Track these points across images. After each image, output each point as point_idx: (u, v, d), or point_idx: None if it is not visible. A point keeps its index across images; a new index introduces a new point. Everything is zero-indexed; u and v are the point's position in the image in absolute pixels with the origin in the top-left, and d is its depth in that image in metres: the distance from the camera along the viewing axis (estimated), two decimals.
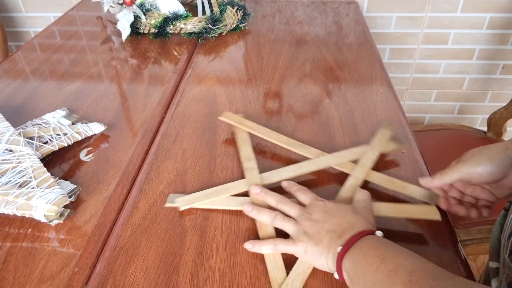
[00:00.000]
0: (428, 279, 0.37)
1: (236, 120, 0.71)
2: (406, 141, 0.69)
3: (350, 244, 0.45)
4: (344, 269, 0.44)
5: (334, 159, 0.63)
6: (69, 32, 1.12)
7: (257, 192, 0.56)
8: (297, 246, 0.49)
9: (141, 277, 0.49)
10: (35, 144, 0.64)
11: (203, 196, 0.58)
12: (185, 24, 1.05)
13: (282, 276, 0.48)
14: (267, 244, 0.50)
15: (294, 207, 0.53)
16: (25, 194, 0.55)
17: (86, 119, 0.75)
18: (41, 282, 0.48)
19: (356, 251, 0.44)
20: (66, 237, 0.54)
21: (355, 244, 0.45)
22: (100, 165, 0.65)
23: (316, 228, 0.49)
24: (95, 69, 0.93)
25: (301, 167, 0.62)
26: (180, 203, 0.57)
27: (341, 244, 0.45)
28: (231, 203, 0.57)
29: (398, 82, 1.53)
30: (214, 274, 0.49)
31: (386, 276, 0.39)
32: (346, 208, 0.51)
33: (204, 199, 0.57)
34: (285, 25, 1.14)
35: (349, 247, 0.45)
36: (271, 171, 0.61)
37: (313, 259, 0.48)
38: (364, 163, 0.62)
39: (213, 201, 0.57)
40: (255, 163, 0.62)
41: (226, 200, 0.57)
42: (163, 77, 0.89)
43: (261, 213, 0.54)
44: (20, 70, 0.93)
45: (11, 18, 1.52)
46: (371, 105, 0.79)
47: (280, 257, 0.50)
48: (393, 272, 0.39)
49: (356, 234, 0.46)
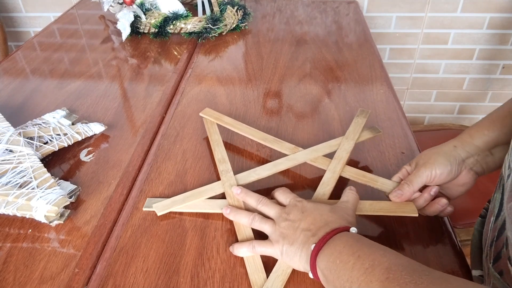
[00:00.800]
0: (405, 275, 0.36)
1: (215, 117, 0.70)
2: (406, 141, 0.69)
3: (324, 242, 0.44)
4: (318, 268, 0.44)
5: (310, 154, 0.62)
6: (69, 31, 1.12)
7: (238, 193, 0.56)
8: (274, 247, 0.48)
9: (141, 278, 0.49)
10: (35, 144, 0.64)
11: (180, 200, 0.57)
12: (185, 23, 1.05)
13: (262, 278, 0.47)
14: (244, 246, 0.50)
15: (273, 208, 0.52)
16: (25, 194, 0.55)
17: (86, 119, 0.75)
18: (41, 283, 0.48)
19: (330, 249, 0.43)
20: (67, 237, 0.54)
21: (328, 241, 0.44)
22: (100, 166, 0.65)
23: (292, 228, 0.48)
24: (95, 68, 0.93)
25: (277, 164, 0.61)
26: (157, 208, 0.56)
27: (314, 242, 0.45)
28: (208, 206, 0.56)
29: (398, 82, 1.53)
30: (215, 275, 0.49)
31: (363, 274, 0.38)
32: (323, 208, 0.50)
33: (181, 203, 0.56)
34: (285, 25, 1.14)
35: (322, 245, 0.44)
36: (247, 171, 0.60)
37: (289, 259, 0.47)
38: (340, 155, 0.62)
39: (191, 205, 0.57)
40: (229, 165, 0.62)
41: (204, 203, 0.57)
42: (163, 77, 0.89)
43: (239, 215, 0.53)
44: (20, 70, 0.93)
45: (11, 18, 1.52)
46: (371, 105, 0.78)
47: (259, 259, 0.50)
48: (369, 269, 0.38)
49: (329, 232, 0.45)
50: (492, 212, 0.48)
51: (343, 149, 0.62)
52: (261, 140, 0.66)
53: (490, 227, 0.48)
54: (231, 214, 0.54)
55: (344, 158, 0.61)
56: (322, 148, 0.63)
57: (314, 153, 0.63)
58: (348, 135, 0.65)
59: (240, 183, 0.59)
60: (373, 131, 0.66)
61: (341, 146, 0.63)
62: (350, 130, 0.66)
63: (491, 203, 0.50)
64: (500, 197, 0.46)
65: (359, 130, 0.65)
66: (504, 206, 0.44)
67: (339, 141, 0.64)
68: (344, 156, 0.62)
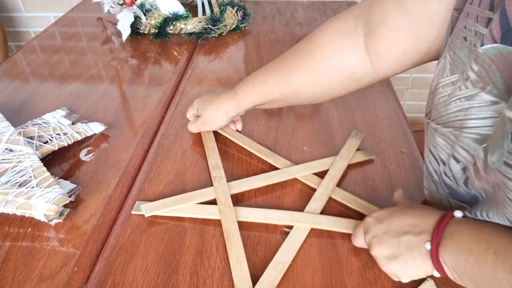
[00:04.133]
0: None
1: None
2: (406, 140, 0.69)
3: (440, 236, 0.41)
4: (445, 265, 0.40)
5: (303, 170, 0.63)
6: (69, 33, 1.12)
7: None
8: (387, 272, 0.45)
9: (140, 276, 0.49)
10: (35, 143, 0.64)
11: (170, 202, 0.57)
12: (185, 24, 1.05)
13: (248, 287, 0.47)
14: None
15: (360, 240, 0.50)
16: (25, 193, 0.55)
17: (86, 119, 0.75)
18: (41, 281, 0.48)
19: (454, 245, 0.40)
20: (66, 236, 0.54)
21: (445, 235, 0.41)
22: (100, 165, 0.65)
23: (381, 243, 0.45)
24: (95, 69, 0.93)
25: (270, 176, 0.62)
26: (145, 210, 0.56)
27: (426, 240, 0.41)
28: (198, 211, 0.56)
29: (398, 82, 1.53)
30: (214, 273, 0.49)
31: (509, 274, 0.35)
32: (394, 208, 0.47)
33: (171, 206, 0.56)
34: (285, 26, 1.14)
35: (439, 240, 0.40)
36: (240, 180, 0.61)
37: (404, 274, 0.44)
38: (333, 173, 0.61)
39: (180, 209, 0.56)
40: (222, 172, 0.62)
41: (194, 208, 0.56)
42: (163, 77, 0.90)
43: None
44: (20, 71, 0.93)
45: (11, 18, 1.52)
46: (371, 105, 0.79)
47: (246, 268, 0.49)
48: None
49: (438, 223, 0.41)
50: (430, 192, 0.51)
51: (337, 167, 0.63)
52: (257, 152, 0.67)
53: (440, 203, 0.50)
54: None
55: (337, 176, 0.61)
56: (316, 165, 0.63)
57: (307, 169, 0.63)
58: (342, 154, 0.65)
59: (232, 191, 0.59)
60: (367, 154, 0.66)
61: (334, 164, 0.63)
62: (344, 150, 0.66)
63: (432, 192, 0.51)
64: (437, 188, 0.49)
65: (352, 151, 0.66)
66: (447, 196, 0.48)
67: (332, 160, 0.64)
68: (337, 174, 0.61)
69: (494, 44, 0.36)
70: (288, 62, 0.60)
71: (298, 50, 0.59)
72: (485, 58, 0.38)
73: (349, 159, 0.64)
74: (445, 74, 0.44)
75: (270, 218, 0.55)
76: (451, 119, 0.43)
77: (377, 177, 0.62)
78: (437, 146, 0.46)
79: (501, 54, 0.36)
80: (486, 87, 0.38)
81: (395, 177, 0.62)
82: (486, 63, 0.38)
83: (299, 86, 0.59)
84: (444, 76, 0.44)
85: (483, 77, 0.38)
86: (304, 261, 0.50)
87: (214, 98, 0.67)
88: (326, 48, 0.56)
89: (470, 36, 0.40)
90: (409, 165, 0.64)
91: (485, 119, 0.39)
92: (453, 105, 0.42)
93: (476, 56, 0.38)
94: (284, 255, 0.50)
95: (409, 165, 0.64)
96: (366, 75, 0.55)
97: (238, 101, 0.64)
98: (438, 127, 0.45)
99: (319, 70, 0.57)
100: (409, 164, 0.64)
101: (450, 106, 0.43)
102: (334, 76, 0.56)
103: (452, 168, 0.44)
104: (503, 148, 0.35)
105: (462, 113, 0.41)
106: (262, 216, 0.55)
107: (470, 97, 0.40)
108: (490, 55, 0.37)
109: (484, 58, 0.38)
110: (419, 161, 0.65)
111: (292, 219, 0.55)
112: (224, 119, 0.67)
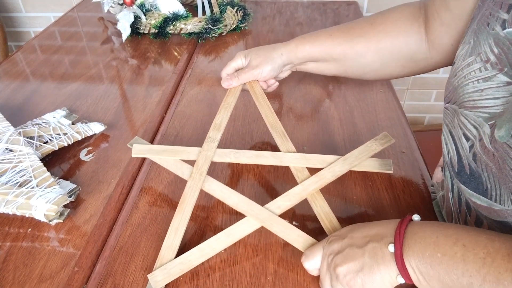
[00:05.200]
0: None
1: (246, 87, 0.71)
2: (406, 140, 0.69)
3: (402, 236, 0.40)
4: (410, 267, 0.39)
5: (297, 160, 0.57)
6: (69, 32, 1.12)
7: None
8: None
9: (140, 276, 0.49)
10: (35, 143, 0.64)
11: (156, 150, 0.59)
12: (185, 24, 1.05)
13: (170, 257, 0.48)
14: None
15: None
16: (25, 193, 0.55)
17: (86, 119, 0.75)
18: (41, 281, 0.48)
19: (418, 243, 0.39)
20: (66, 236, 0.54)
21: (407, 236, 0.40)
22: (100, 165, 0.65)
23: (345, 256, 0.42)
24: (95, 69, 0.93)
25: (259, 156, 0.58)
26: (134, 149, 0.59)
27: (389, 242, 0.40)
28: (175, 167, 0.57)
29: (398, 82, 1.53)
30: (214, 273, 0.49)
31: (483, 266, 0.34)
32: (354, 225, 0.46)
33: (156, 154, 0.58)
34: (285, 26, 1.14)
35: (402, 240, 0.39)
36: (229, 149, 0.58)
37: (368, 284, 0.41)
38: (324, 175, 0.55)
39: (162, 160, 0.58)
40: (220, 135, 0.59)
41: (172, 163, 0.57)
42: (163, 77, 0.90)
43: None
44: (20, 71, 0.93)
45: (11, 18, 1.52)
46: (371, 105, 0.79)
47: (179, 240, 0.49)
48: (488, 259, 0.34)
49: (399, 225, 0.41)
50: (448, 189, 0.51)
51: (331, 170, 0.55)
52: (269, 126, 0.62)
53: (451, 202, 0.50)
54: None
55: (327, 180, 0.54)
56: (313, 160, 0.57)
57: (303, 161, 0.57)
58: (348, 157, 0.57)
59: (215, 158, 0.58)
60: (383, 166, 0.58)
61: (331, 166, 0.56)
62: (354, 152, 0.58)
63: (445, 180, 0.52)
64: (449, 174, 0.50)
65: (365, 157, 0.57)
66: (454, 180, 0.48)
67: (334, 159, 0.57)
68: (328, 178, 0.55)
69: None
70: (357, 26, 0.63)
71: (369, 19, 0.63)
72: (505, 41, 0.40)
73: (354, 165, 0.57)
74: (466, 58, 0.46)
75: (227, 200, 0.53)
76: (466, 99, 0.44)
77: (377, 177, 0.62)
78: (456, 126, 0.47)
79: None
80: (504, 68, 0.40)
81: (395, 177, 0.62)
82: (506, 46, 0.40)
83: (362, 50, 0.61)
84: (465, 60, 0.46)
85: (502, 59, 0.40)
86: None
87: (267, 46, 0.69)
88: (396, 24, 0.60)
89: (492, 22, 0.43)
90: (409, 165, 0.64)
91: (497, 99, 0.41)
92: (470, 86, 0.44)
93: (498, 40, 0.41)
94: (217, 242, 0.48)
95: (409, 165, 0.64)
96: (424, 59, 0.60)
97: (296, 47, 0.65)
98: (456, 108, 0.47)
99: (385, 42, 0.61)
100: (409, 164, 0.64)
101: (468, 87, 0.44)
102: (397, 52, 0.61)
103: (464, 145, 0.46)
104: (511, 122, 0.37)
105: (477, 94, 0.43)
106: (221, 195, 0.53)
107: (488, 78, 0.42)
108: (510, 38, 0.39)
109: (504, 41, 0.40)
110: (419, 161, 0.65)
111: (247, 209, 0.51)
112: (279, 60, 0.67)
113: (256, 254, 0.51)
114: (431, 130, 1.27)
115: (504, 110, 0.39)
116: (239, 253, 0.51)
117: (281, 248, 0.52)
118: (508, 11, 0.41)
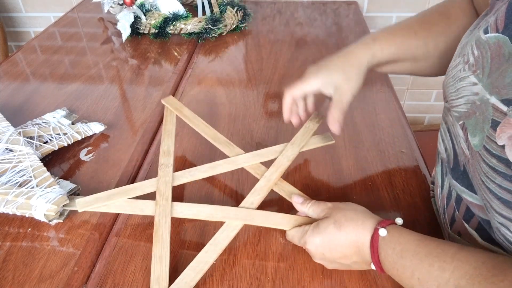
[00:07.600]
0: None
1: (175, 107, 0.66)
2: (406, 140, 0.69)
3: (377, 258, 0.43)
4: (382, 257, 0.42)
5: (251, 158, 0.59)
6: (69, 33, 1.12)
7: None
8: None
9: (140, 276, 0.49)
10: (35, 143, 0.64)
11: (104, 197, 0.54)
12: (185, 24, 1.05)
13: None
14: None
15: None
16: (25, 193, 0.55)
17: (86, 119, 0.75)
18: (41, 281, 0.48)
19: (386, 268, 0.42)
20: (66, 236, 0.54)
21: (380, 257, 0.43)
22: (100, 165, 0.65)
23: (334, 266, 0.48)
24: (95, 69, 0.93)
25: (215, 166, 0.58)
26: (78, 203, 0.54)
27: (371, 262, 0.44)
28: (128, 207, 0.53)
29: (398, 82, 1.53)
30: (214, 273, 0.49)
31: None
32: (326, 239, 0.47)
33: (105, 201, 0.54)
34: (285, 26, 1.14)
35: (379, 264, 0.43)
36: (184, 170, 0.58)
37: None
38: (280, 163, 0.57)
39: (110, 205, 0.54)
40: (172, 159, 0.58)
41: (124, 204, 0.54)
42: (163, 77, 0.90)
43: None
44: (20, 71, 0.93)
45: (11, 18, 1.52)
46: (371, 105, 0.79)
47: (167, 267, 0.47)
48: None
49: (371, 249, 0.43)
50: (437, 185, 0.51)
51: (285, 156, 0.58)
52: (211, 140, 0.63)
53: (439, 198, 0.51)
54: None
55: (284, 165, 0.57)
56: (265, 153, 0.59)
57: (256, 157, 0.59)
58: (294, 140, 0.60)
59: (175, 182, 0.56)
60: (325, 139, 0.61)
61: (283, 152, 0.59)
62: (297, 136, 0.61)
63: (435, 177, 0.53)
64: (440, 170, 0.50)
65: (307, 137, 0.61)
66: (446, 176, 0.48)
67: (283, 147, 0.59)
68: (285, 163, 0.57)
69: (496, 33, 0.38)
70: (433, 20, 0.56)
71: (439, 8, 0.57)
72: (485, 45, 0.40)
73: (301, 146, 0.59)
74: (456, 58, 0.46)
75: (200, 215, 0.52)
76: (449, 98, 0.45)
77: (377, 177, 0.62)
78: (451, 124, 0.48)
79: (498, 43, 0.38)
80: (477, 70, 0.40)
81: (395, 177, 0.62)
82: (484, 50, 0.40)
83: (445, 47, 0.55)
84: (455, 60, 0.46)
85: (478, 62, 0.40)
86: (304, 261, 0.50)
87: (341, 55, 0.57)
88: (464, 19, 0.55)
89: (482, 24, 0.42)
90: (409, 165, 0.64)
91: (462, 97, 0.42)
92: (451, 85, 0.45)
93: (479, 42, 0.40)
94: (207, 254, 0.48)
95: (409, 165, 0.64)
96: None
97: (381, 51, 0.55)
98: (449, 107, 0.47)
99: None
100: (409, 164, 0.64)
101: (451, 87, 0.45)
102: None
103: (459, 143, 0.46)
104: (484, 132, 0.37)
105: (455, 93, 0.44)
106: (193, 213, 0.52)
107: (463, 78, 0.42)
108: (490, 43, 0.39)
109: (484, 45, 0.40)
110: (419, 161, 0.65)
111: (223, 215, 0.51)
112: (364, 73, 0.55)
113: (255, 254, 0.51)
114: (431, 130, 1.27)
115: (468, 111, 0.40)
116: (238, 253, 0.51)
117: (281, 248, 0.52)
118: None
